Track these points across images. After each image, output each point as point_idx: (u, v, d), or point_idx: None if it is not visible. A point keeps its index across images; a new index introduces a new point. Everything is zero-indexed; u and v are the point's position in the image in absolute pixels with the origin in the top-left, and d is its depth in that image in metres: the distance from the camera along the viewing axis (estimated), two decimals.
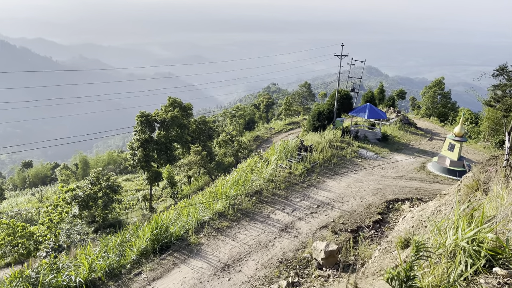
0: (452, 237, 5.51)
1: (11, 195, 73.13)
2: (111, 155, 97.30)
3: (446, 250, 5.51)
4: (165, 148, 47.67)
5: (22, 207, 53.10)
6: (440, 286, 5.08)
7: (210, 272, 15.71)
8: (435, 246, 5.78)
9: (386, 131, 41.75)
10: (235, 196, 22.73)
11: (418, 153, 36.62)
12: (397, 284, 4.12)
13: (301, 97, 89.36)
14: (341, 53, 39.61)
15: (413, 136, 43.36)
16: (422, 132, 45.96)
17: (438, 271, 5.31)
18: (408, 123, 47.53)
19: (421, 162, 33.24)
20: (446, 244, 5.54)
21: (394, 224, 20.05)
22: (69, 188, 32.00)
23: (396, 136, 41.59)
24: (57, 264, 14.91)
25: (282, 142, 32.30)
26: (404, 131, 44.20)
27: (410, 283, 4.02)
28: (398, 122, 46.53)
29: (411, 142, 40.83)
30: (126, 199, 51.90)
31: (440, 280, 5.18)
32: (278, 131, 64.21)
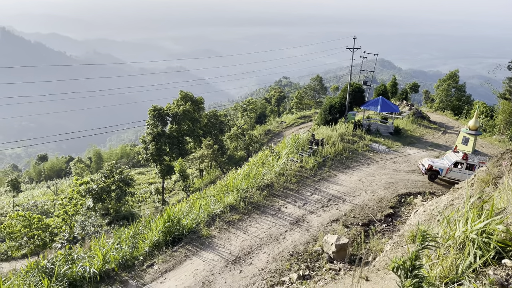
0: (462, 229, 5.49)
1: (27, 188, 74.53)
2: (124, 148, 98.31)
3: (455, 241, 5.49)
4: (177, 142, 48.01)
5: (38, 200, 54.16)
6: (448, 277, 5.08)
7: (221, 264, 15.86)
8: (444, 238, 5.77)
9: (398, 124, 41.35)
10: (246, 190, 22.84)
11: (431, 146, 36.22)
12: (403, 274, 4.14)
13: (312, 91, 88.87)
14: (353, 46, 39.23)
15: (426, 129, 42.87)
16: (436, 126, 45.41)
17: (446, 263, 5.31)
18: (421, 117, 46.97)
19: (434, 156, 32.89)
20: (455, 236, 5.52)
21: (406, 218, 19.95)
22: (83, 181, 32.51)
23: (409, 130, 41.18)
24: (72, 255, 15.21)
25: (293, 135, 32.25)
26: (417, 125, 43.72)
27: (415, 272, 4.03)
28: (411, 115, 46.02)
29: (424, 136, 40.39)
30: (139, 192, 52.51)
31: (448, 271, 5.18)
32: (289, 125, 64.07)
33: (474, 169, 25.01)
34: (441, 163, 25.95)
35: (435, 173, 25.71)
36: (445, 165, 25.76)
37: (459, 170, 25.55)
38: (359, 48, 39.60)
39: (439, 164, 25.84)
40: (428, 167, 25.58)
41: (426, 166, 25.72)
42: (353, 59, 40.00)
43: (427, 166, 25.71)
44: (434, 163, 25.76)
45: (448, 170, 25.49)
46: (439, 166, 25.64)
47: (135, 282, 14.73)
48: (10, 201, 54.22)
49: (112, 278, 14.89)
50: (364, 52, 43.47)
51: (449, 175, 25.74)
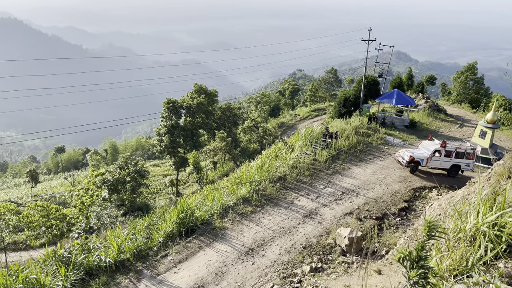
0: (473, 221, 5.44)
1: (45, 179, 76.00)
2: (139, 141, 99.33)
3: (466, 234, 5.45)
4: (191, 134, 48.30)
5: (55, 191, 55.29)
6: (457, 269, 5.06)
7: (234, 255, 16.01)
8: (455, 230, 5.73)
9: (414, 117, 40.83)
10: (259, 182, 22.92)
11: (447, 140, 35.70)
12: (409, 264, 4.14)
13: (327, 83, 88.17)
14: (368, 38, 38.75)
15: (443, 123, 42.22)
16: (452, 119, 44.68)
17: (456, 255, 5.27)
18: (437, 110, 46.24)
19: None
20: (466, 229, 5.47)
21: (421, 212, 19.78)
22: (99, 172, 33.00)
23: (424, 123, 40.63)
24: (88, 245, 15.54)
25: (307, 128, 32.13)
26: (433, 118, 43.08)
27: (421, 262, 4.03)
28: (427, 108, 45.35)
29: (440, 129, 39.81)
30: (154, 184, 53.10)
31: (458, 264, 5.15)
32: (303, 118, 63.80)
33: (452, 156, 25.37)
34: (421, 154, 25.62)
35: (417, 165, 25.44)
36: (424, 155, 25.45)
37: (438, 158, 25.48)
38: (374, 40, 39.10)
39: (418, 154, 25.49)
40: (409, 159, 25.10)
41: (407, 159, 25.24)
42: (368, 51, 39.52)
43: (408, 158, 25.22)
44: (414, 154, 25.34)
45: (428, 159, 25.27)
46: (419, 156, 25.31)
47: (149, 272, 14.99)
48: (29, 192, 55.50)
49: (127, 268, 15.18)
50: (379, 44, 42.91)
51: (429, 165, 25.60)
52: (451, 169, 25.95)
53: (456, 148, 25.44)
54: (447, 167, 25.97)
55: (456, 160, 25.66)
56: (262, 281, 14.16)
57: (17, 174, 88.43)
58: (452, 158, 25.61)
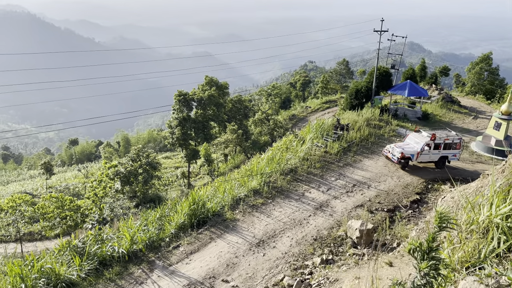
0: (486, 213, 5.37)
1: (59, 170, 77.14)
2: (151, 133, 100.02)
3: (478, 226, 5.39)
4: (202, 127, 48.51)
5: (69, 182, 56.20)
6: (469, 261, 5.02)
7: (245, 247, 16.10)
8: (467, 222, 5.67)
9: (427, 109, 40.33)
10: (270, 174, 22.95)
11: (461, 132, 35.22)
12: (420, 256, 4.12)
13: (338, 75, 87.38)
14: (380, 28, 38.23)
15: (456, 114, 41.65)
16: (466, 111, 44.02)
17: (468, 247, 5.23)
18: (451, 101, 45.59)
19: (464, 142, 32.01)
20: (479, 221, 5.41)
21: (433, 205, 19.61)
22: (111, 164, 33.42)
23: (437, 115, 40.12)
24: (101, 236, 15.79)
25: (318, 120, 31.97)
26: (447, 110, 42.50)
27: (432, 254, 4.01)
28: (440, 100, 44.74)
29: (453, 121, 39.29)
30: (166, 176, 53.57)
31: (470, 256, 5.11)
32: (314, 110, 63.47)
33: (440, 148, 24.56)
34: (410, 148, 24.55)
35: (408, 160, 24.44)
36: (414, 149, 24.41)
37: (428, 152, 24.59)
38: (386, 30, 38.57)
39: (409, 149, 24.39)
40: (401, 155, 23.96)
41: (398, 155, 24.05)
42: (380, 42, 39.03)
43: (399, 155, 24.01)
44: (404, 150, 24.22)
45: (418, 154, 24.30)
46: (409, 152, 24.25)
47: (161, 262, 15.18)
48: (44, 183, 56.46)
49: (140, 258, 15.39)
50: (392, 35, 42.36)
51: (419, 159, 24.68)
52: (439, 161, 25.23)
53: (444, 139, 24.65)
54: (435, 160, 25.18)
55: (444, 152, 24.93)
56: (273, 273, 14.25)
57: (32, 166, 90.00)
58: (441, 150, 24.84)
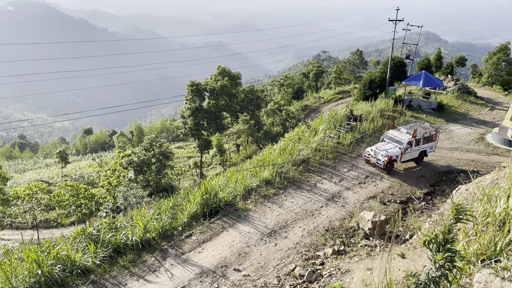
0: (503, 205, 5.29)
1: (74, 159, 78.38)
2: (164, 123, 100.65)
3: (495, 218, 5.31)
4: (215, 117, 48.58)
5: (84, 171, 57.02)
6: (485, 254, 4.95)
7: (257, 237, 16.19)
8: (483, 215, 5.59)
9: (442, 100, 39.69)
10: (282, 165, 22.94)
11: (476, 123, 34.65)
12: (435, 248, 4.08)
13: (352, 65, 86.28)
14: (395, 18, 37.58)
15: (472, 105, 40.91)
16: (483, 102, 43.20)
17: (484, 239, 5.16)
18: (467, 92, 44.77)
19: (479, 133, 31.48)
20: (496, 213, 5.33)
21: (447, 197, 19.40)
22: (125, 154, 33.76)
23: (453, 106, 39.47)
24: (115, 224, 16.04)
25: (331, 111, 31.76)
26: (463, 101, 41.78)
27: (448, 246, 3.96)
28: (455, 90, 43.96)
29: (469, 112, 38.62)
30: (178, 165, 53.99)
31: (486, 248, 5.04)
32: (327, 101, 62.96)
33: (420, 143, 23.34)
34: (394, 149, 22.59)
35: (393, 163, 22.66)
36: (397, 149, 22.55)
37: (410, 149, 23.06)
38: (402, 20, 37.89)
39: (393, 151, 22.42)
40: (387, 159, 22.00)
41: (384, 159, 22.05)
42: (395, 31, 38.40)
43: (385, 158, 22.02)
44: (389, 152, 22.22)
45: (402, 154, 22.50)
46: (394, 153, 22.30)
47: (174, 251, 15.37)
48: (59, 172, 57.43)
49: (153, 247, 15.60)
50: (407, 24, 41.60)
51: (403, 159, 22.92)
52: (419, 156, 24.02)
53: (423, 134, 23.36)
54: (416, 156, 23.85)
55: (423, 146, 23.76)
56: (285, 262, 14.31)
57: (48, 155, 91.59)
58: (420, 145, 23.58)
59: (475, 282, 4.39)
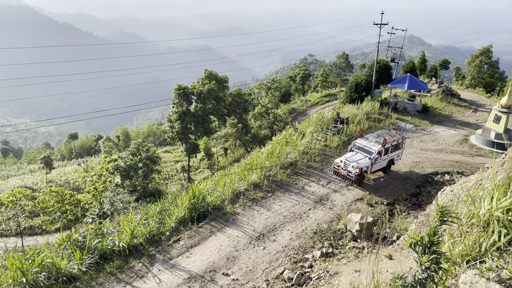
0: (487, 207, 5.39)
1: (59, 165, 77.15)
2: (151, 127, 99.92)
3: (479, 219, 5.41)
4: (202, 121, 48.44)
5: (69, 176, 56.21)
6: (470, 255, 5.04)
7: (245, 240, 16.15)
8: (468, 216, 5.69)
9: (427, 102, 40.28)
10: (270, 168, 22.96)
11: (460, 125, 35.23)
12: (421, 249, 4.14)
13: (338, 68, 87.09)
14: (380, 21, 38.05)
15: (456, 107, 41.60)
16: (466, 104, 43.96)
17: (469, 240, 5.25)
18: (451, 94, 45.53)
19: (463, 135, 32.02)
20: (480, 214, 5.43)
21: (432, 198, 19.65)
22: (111, 158, 33.42)
23: (437, 108, 40.07)
24: (102, 230, 15.81)
25: (317, 114, 31.95)
26: (446, 103, 42.45)
27: (434, 248, 4.03)
28: (440, 93, 44.67)
29: (453, 114, 39.24)
30: (166, 170, 53.60)
31: (470, 249, 5.13)
32: (314, 104, 63.35)
33: (389, 152, 22.44)
34: (364, 160, 21.43)
35: (364, 175, 21.59)
36: (367, 160, 21.39)
37: (380, 159, 21.97)
38: (386, 23, 38.41)
39: (363, 161, 21.27)
40: (359, 171, 20.77)
41: (356, 171, 20.76)
42: (380, 35, 38.87)
43: (356, 170, 20.74)
44: (359, 163, 21.03)
45: (373, 164, 21.40)
46: (364, 164, 21.15)
47: (162, 256, 15.22)
48: (44, 178, 56.49)
49: (140, 252, 15.43)
50: (392, 28, 42.16)
51: (373, 169, 21.84)
52: (387, 165, 23.11)
53: (391, 142, 22.48)
54: (385, 165, 22.92)
55: (391, 155, 22.95)
56: (273, 266, 14.30)
57: (32, 161, 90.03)
58: (389, 154, 22.69)
59: (460, 283, 4.45)
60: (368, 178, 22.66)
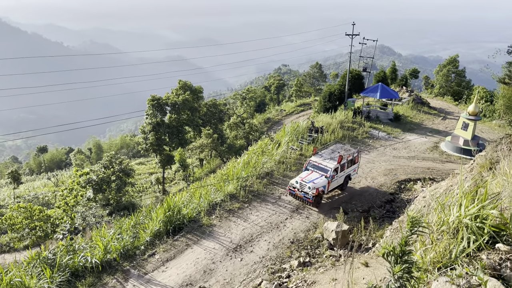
0: (455, 214, 5.55)
1: (27, 179, 74.63)
2: (124, 139, 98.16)
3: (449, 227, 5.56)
4: (177, 132, 47.96)
5: (38, 191, 54.31)
6: (441, 262, 5.16)
7: (222, 252, 15.99)
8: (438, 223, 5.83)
9: (398, 111, 41.29)
10: (246, 178, 22.92)
11: (431, 132, 36.25)
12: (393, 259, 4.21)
13: (312, 78, 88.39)
14: (352, 32, 38.95)
15: (426, 115, 42.81)
16: (436, 112, 45.34)
17: (439, 248, 5.38)
18: (421, 103, 46.86)
19: (434, 142, 32.94)
20: (449, 221, 5.58)
21: (406, 204, 20.04)
22: (83, 172, 32.56)
23: (408, 116, 41.13)
24: (73, 246, 15.35)
25: (292, 123, 32.24)
26: (417, 111, 43.65)
27: (405, 257, 4.11)
28: (410, 101, 45.91)
29: (424, 122, 40.36)
30: (140, 182, 52.61)
31: (441, 256, 5.25)
32: (289, 113, 63.89)
33: (345, 168, 21.30)
34: (320, 179, 19.97)
35: (321, 195, 20.22)
36: (323, 179, 19.99)
37: (336, 176, 20.74)
38: (358, 34, 39.33)
39: (320, 181, 19.80)
40: (316, 192, 19.30)
41: (313, 192, 19.26)
42: (352, 45, 39.74)
43: (313, 191, 19.26)
44: (316, 183, 19.56)
45: (329, 183, 20.16)
46: (321, 184, 19.74)
47: (136, 271, 14.87)
48: (11, 193, 54.39)
49: (114, 268, 15.04)
50: (363, 38, 43.22)
51: (330, 188, 20.58)
52: (344, 182, 21.98)
53: (347, 157, 21.50)
54: (341, 182, 21.75)
55: (347, 170, 21.83)
56: (251, 277, 14.20)
57: None
58: (345, 170, 21.56)
59: None
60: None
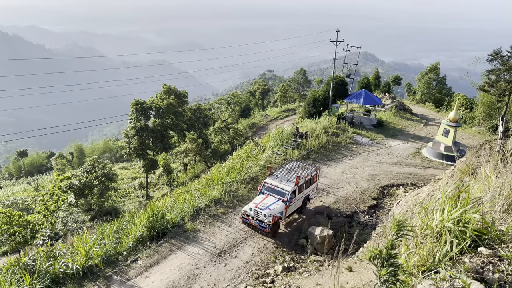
0: (438, 218, 5.67)
1: (6, 184, 72.97)
2: (107, 143, 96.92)
3: (432, 231, 5.67)
4: (161, 136, 47.59)
5: (18, 196, 53.02)
6: (425, 265, 5.25)
7: (206, 258, 15.88)
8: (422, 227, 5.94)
9: (381, 117, 41.87)
10: (231, 183, 22.85)
11: (413, 138, 36.83)
12: (379, 263, 4.26)
13: (296, 84, 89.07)
14: (336, 39, 39.41)
15: (408, 122, 43.51)
16: (418, 118, 46.13)
17: (423, 251, 5.49)
18: (403, 109, 47.63)
19: (416, 148, 33.47)
20: (433, 225, 5.70)
21: (389, 209, 20.28)
22: (64, 176, 31.96)
23: (391, 122, 41.73)
24: (54, 252, 15.00)
25: (277, 129, 32.35)
26: (400, 117, 44.34)
27: (391, 261, 4.17)
28: (393, 108, 46.63)
29: (406, 128, 41.00)
30: (122, 187, 51.90)
31: (425, 260, 5.35)
32: (274, 118, 64.13)
33: (303, 190, 19.42)
34: (276, 204, 17.77)
35: (279, 222, 18.03)
36: (280, 205, 17.82)
37: (295, 199, 18.73)
38: (342, 41, 39.81)
39: (277, 207, 17.61)
40: (273, 220, 17.08)
41: (269, 220, 17.04)
42: (336, 52, 40.21)
43: (269, 219, 17.04)
44: (272, 210, 17.32)
45: (287, 208, 18.06)
46: (278, 210, 17.61)
47: (119, 277, 14.63)
48: None
49: (96, 274, 14.76)
50: (347, 45, 43.73)
51: (288, 212, 18.52)
52: (303, 204, 20.05)
53: (305, 177, 19.45)
54: (300, 205, 19.73)
55: (306, 191, 19.88)
56: (235, 283, 14.12)
57: None
58: (303, 191, 19.55)
59: None
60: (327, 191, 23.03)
